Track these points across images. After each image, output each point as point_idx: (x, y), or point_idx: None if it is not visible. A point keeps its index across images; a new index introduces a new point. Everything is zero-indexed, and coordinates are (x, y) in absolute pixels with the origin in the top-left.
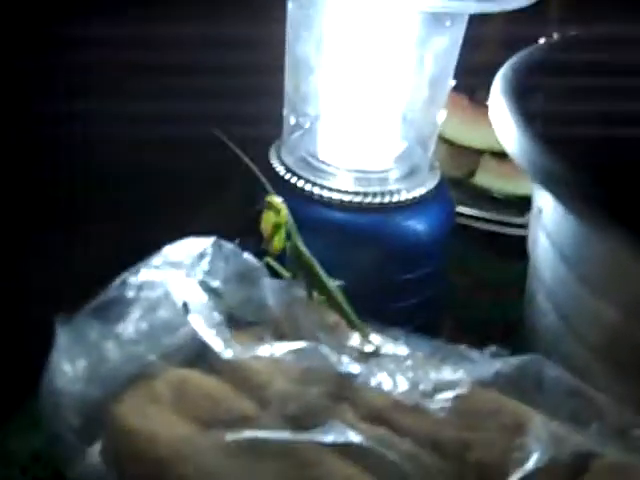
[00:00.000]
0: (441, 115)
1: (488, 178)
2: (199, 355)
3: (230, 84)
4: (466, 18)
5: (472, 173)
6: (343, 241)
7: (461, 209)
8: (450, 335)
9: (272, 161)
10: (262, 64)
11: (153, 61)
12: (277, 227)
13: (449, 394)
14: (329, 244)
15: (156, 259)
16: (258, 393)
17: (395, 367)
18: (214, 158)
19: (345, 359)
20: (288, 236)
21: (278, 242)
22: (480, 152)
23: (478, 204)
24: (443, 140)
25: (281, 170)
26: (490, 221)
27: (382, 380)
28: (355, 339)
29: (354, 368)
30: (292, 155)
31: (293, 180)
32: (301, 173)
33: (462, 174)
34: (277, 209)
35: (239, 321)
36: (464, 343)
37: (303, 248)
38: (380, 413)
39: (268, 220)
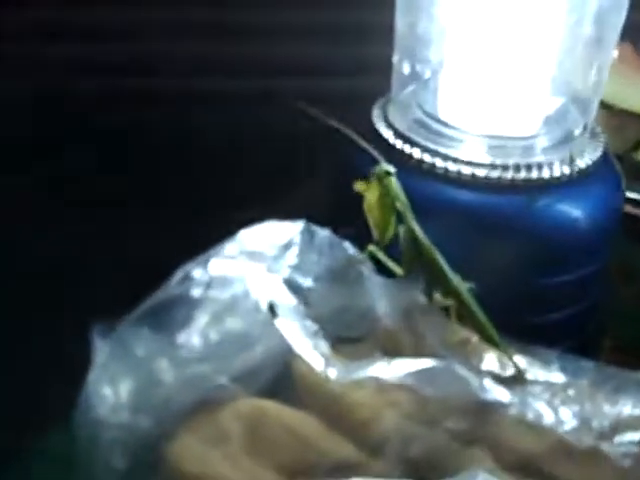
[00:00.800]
0: (608, 60)
1: None
2: (282, 379)
3: (314, 18)
4: None
5: (637, 147)
6: (474, 230)
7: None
8: (611, 358)
9: (376, 124)
10: None
11: None
12: (386, 207)
13: (635, 435)
14: (454, 234)
15: (230, 247)
16: (361, 432)
17: (553, 398)
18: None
19: (488, 384)
20: (400, 219)
21: (387, 227)
22: None
23: None
24: (602, 106)
25: (389, 135)
26: None
27: (540, 413)
28: (492, 360)
29: (502, 395)
30: (405, 116)
31: (406, 149)
32: (417, 139)
33: (624, 148)
34: (386, 183)
35: (335, 333)
36: (629, 368)
37: (422, 235)
38: (533, 460)
39: (374, 198)
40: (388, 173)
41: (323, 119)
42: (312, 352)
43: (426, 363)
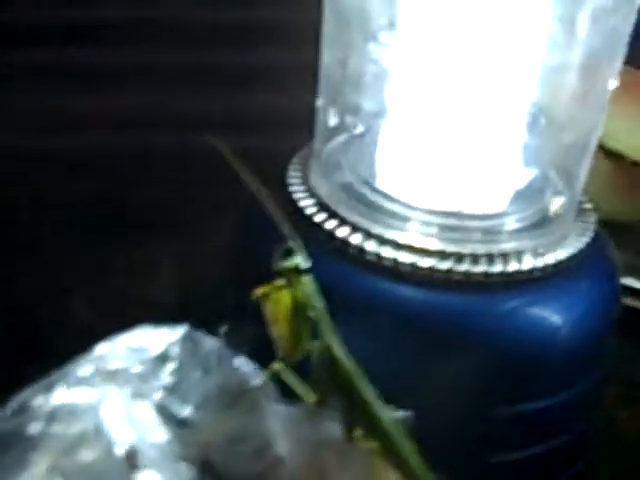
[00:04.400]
0: (601, 114)
1: None
2: None
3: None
4: None
5: None
6: (414, 340)
7: (629, 282)
8: None
9: (291, 188)
10: (277, 19)
11: None
12: (297, 313)
13: None
14: (388, 344)
15: (82, 367)
16: None
17: None
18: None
19: None
20: (315, 331)
21: (298, 340)
22: None
23: None
24: (599, 151)
25: (307, 205)
26: None
27: None
28: None
29: None
30: (328, 180)
31: (328, 225)
32: (343, 213)
33: (633, 215)
34: (297, 280)
35: (221, 477)
36: None
37: (342, 356)
38: None
39: (281, 300)
40: (301, 271)
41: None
42: None
43: None
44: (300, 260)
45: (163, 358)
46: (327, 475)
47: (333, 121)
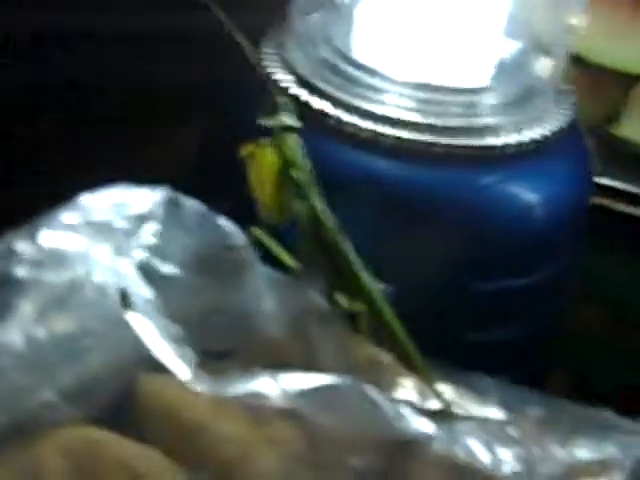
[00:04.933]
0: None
1: None
2: (127, 399)
3: None
4: None
5: (614, 118)
6: (394, 213)
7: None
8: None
9: (266, 62)
10: None
11: None
12: (282, 174)
13: None
14: (367, 217)
15: (68, 215)
16: (230, 476)
17: (490, 437)
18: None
19: (407, 412)
20: (300, 193)
21: (282, 204)
22: (633, 81)
23: (624, 172)
24: (572, 60)
25: (283, 79)
26: None
27: (473, 451)
28: (410, 388)
29: (426, 427)
30: (305, 54)
31: (306, 98)
32: (321, 87)
33: (597, 119)
34: (284, 139)
35: (201, 342)
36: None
37: (327, 217)
38: None
39: (265, 164)
40: (289, 128)
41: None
42: (176, 362)
43: (323, 380)
44: (288, 118)
45: (145, 217)
46: (309, 343)
47: None
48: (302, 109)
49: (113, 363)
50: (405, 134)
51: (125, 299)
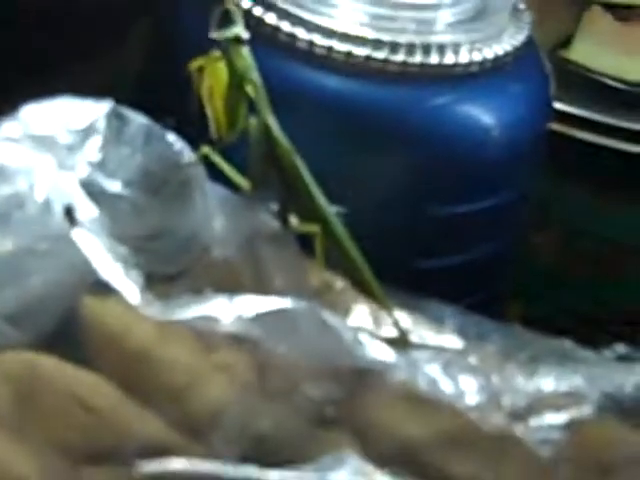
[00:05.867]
0: None
1: (598, 51)
2: (72, 322)
3: None
4: None
5: (567, 41)
6: (346, 132)
7: None
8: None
9: None
10: None
11: None
12: (233, 88)
13: (556, 417)
14: (320, 136)
15: (8, 127)
16: (176, 405)
17: (449, 366)
18: None
19: (365, 338)
20: (251, 107)
21: (232, 119)
22: (586, 2)
23: (577, 97)
24: None
25: None
26: (598, 129)
27: (435, 379)
28: (364, 315)
29: (385, 354)
30: None
31: (256, 12)
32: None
33: (550, 42)
34: (236, 52)
35: (147, 264)
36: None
37: (280, 134)
38: (418, 448)
39: (217, 74)
40: (239, 40)
41: None
42: (124, 284)
43: (277, 304)
44: (240, 29)
45: (89, 131)
46: (260, 265)
47: None
48: (254, 23)
49: (57, 284)
50: (358, 50)
51: (71, 216)
